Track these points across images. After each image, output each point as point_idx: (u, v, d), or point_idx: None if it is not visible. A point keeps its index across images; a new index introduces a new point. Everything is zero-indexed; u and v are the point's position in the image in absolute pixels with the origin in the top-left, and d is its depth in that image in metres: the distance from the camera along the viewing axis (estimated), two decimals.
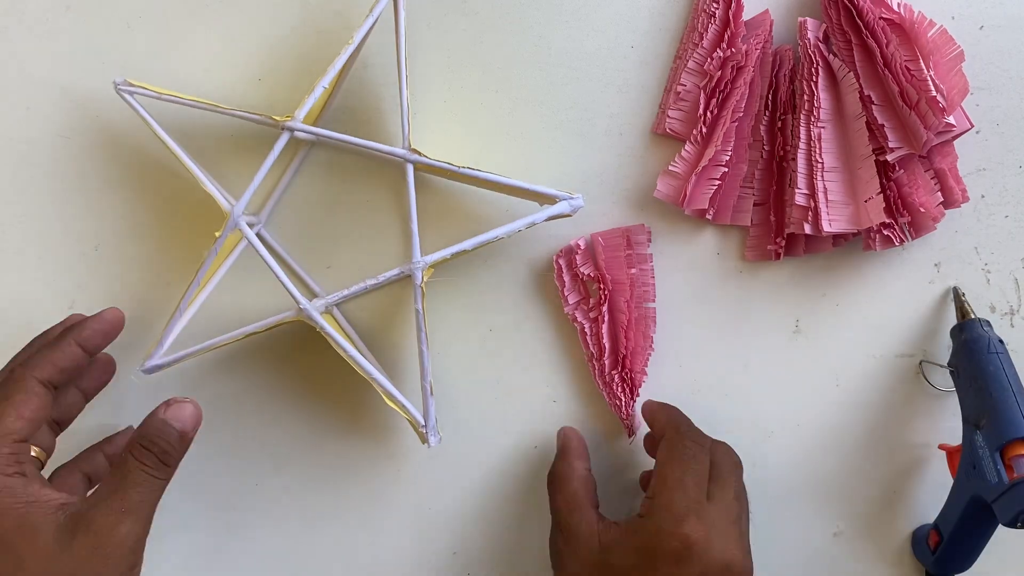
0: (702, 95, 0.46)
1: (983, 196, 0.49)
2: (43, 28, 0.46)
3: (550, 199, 0.44)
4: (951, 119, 0.44)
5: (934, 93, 0.43)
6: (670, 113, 0.47)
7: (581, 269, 0.48)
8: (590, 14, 0.47)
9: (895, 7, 0.44)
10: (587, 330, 0.48)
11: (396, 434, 0.50)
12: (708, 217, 0.47)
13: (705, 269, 0.49)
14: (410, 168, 0.44)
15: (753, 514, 0.52)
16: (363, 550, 0.51)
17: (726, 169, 0.46)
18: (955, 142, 0.46)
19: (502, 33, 0.47)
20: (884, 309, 0.50)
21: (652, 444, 0.47)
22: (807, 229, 0.46)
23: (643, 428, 0.48)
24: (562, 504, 0.44)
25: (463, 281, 0.49)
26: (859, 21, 0.44)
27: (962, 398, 0.47)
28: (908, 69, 0.44)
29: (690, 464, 0.42)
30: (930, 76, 0.43)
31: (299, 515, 0.51)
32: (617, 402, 0.48)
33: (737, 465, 0.45)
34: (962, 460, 0.47)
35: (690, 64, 0.46)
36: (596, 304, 0.48)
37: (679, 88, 0.47)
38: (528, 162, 0.48)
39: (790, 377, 0.50)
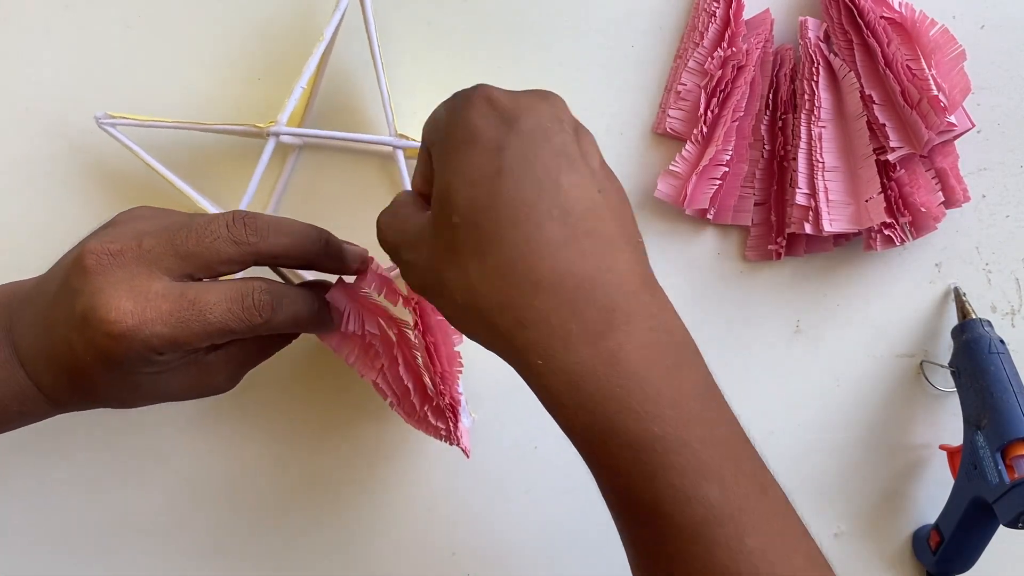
0: (703, 95, 0.45)
1: (984, 196, 0.49)
2: (42, 28, 0.46)
3: None
4: (952, 118, 0.44)
5: (936, 92, 0.43)
6: (670, 113, 0.47)
7: (357, 328, 0.40)
8: (590, 14, 0.47)
9: (896, 6, 0.44)
10: (378, 382, 0.41)
11: (395, 435, 0.50)
12: (708, 217, 0.47)
13: (705, 269, 0.49)
14: (400, 154, 0.44)
15: None
16: (363, 551, 0.51)
17: (727, 169, 0.46)
18: (956, 142, 0.46)
19: (502, 33, 0.47)
20: (885, 309, 0.50)
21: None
22: (808, 229, 0.46)
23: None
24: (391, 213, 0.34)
25: None
26: (860, 20, 0.44)
27: (963, 398, 0.47)
28: (909, 68, 0.43)
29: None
30: (931, 75, 0.43)
31: (298, 516, 0.51)
32: (443, 431, 0.43)
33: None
34: (963, 460, 0.47)
35: (690, 64, 0.46)
36: (378, 353, 0.41)
37: (679, 88, 0.46)
38: None
39: (790, 377, 0.50)
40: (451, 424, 0.43)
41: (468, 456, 0.44)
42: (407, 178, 0.44)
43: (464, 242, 0.29)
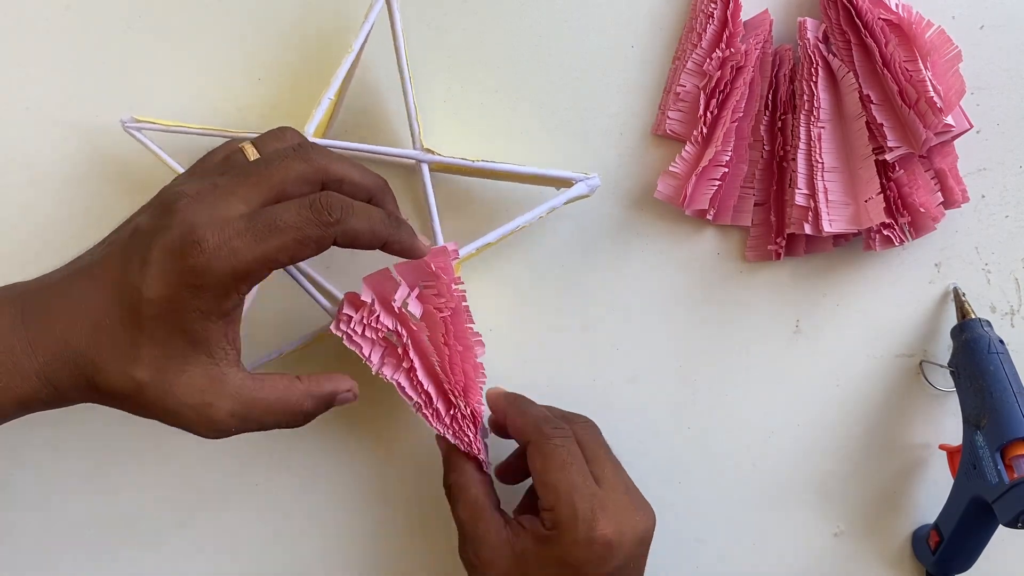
0: (702, 95, 0.46)
1: (983, 196, 0.49)
2: (42, 28, 0.46)
3: (567, 182, 0.44)
4: (949, 119, 0.44)
5: (931, 93, 0.43)
6: (670, 114, 0.47)
7: (381, 324, 0.41)
8: (590, 14, 0.47)
9: (893, 7, 0.44)
10: (403, 384, 0.42)
11: (395, 435, 0.50)
12: (708, 217, 0.47)
13: (705, 269, 0.49)
14: (425, 168, 0.44)
15: (754, 514, 0.52)
16: (363, 550, 0.51)
17: (726, 169, 0.46)
18: (956, 142, 0.46)
19: (502, 33, 0.47)
20: (884, 309, 0.50)
21: (500, 426, 0.45)
22: (807, 229, 0.46)
23: (502, 447, 0.46)
24: (465, 515, 0.43)
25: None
26: (858, 21, 0.44)
27: (962, 398, 0.47)
28: (906, 69, 0.43)
29: (570, 461, 0.41)
30: (928, 76, 0.43)
31: (298, 516, 0.51)
32: (466, 439, 0.43)
33: (594, 427, 0.44)
34: (962, 460, 0.47)
35: (689, 65, 0.46)
36: (404, 353, 0.42)
37: (678, 89, 0.47)
38: (528, 162, 0.48)
39: (790, 377, 0.50)
40: (471, 434, 0.43)
41: (486, 470, 0.44)
42: (431, 192, 0.44)
43: None
